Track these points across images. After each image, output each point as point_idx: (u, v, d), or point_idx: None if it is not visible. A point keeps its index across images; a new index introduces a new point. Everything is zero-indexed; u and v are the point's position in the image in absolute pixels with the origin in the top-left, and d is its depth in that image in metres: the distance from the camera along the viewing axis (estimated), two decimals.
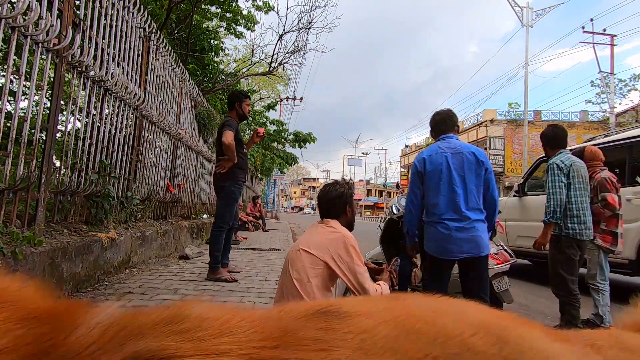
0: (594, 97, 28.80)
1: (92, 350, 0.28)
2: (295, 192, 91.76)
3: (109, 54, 3.32)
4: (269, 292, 3.15)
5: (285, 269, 1.94)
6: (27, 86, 3.89)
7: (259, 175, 19.37)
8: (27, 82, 3.85)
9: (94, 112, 3.20)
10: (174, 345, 0.28)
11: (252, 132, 15.88)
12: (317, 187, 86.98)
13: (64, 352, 0.28)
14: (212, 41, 9.42)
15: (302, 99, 22.14)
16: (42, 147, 2.61)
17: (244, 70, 11.50)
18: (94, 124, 3.21)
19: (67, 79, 3.04)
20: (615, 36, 16.47)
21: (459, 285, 3.21)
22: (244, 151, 3.73)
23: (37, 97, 4.75)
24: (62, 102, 2.88)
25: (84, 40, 2.94)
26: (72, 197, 3.02)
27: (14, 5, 2.23)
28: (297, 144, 16.75)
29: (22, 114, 2.42)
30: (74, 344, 0.28)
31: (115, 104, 3.57)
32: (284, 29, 9.10)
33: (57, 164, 2.95)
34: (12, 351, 0.27)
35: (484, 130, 26.57)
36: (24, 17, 2.26)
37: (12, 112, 2.84)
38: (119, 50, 3.55)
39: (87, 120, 3.12)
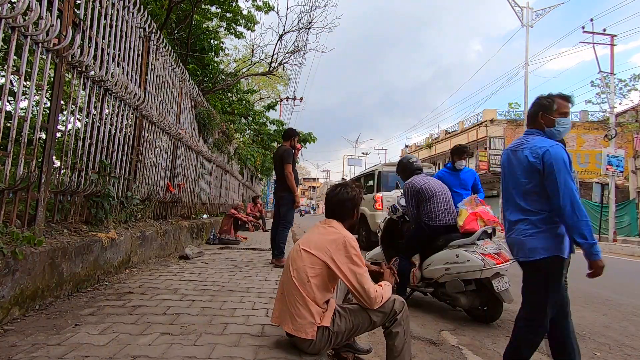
0: (594, 97, 28.81)
1: None
2: None
3: (109, 54, 3.32)
4: (269, 292, 3.15)
5: (286, 269, 1.94)
6: (27, 86, 3.89)
7: (259, 175, 19.38)
8: (27, 82, 3.85)
9: (94, 112, 3.20)
10: None
11: (252, 132, 15.93)
12: (317, 187, 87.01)
13: None
14: (212, 41, 9.42)
15: (302, 99, 22.17)
16: (42, 147, 2.60)
17: (244, 70, 11.50)
18: (94, 124, 3.20)
19: (67, 79, 3.03)
20: (615, 36, 16.45)
21: (460, 285, 3.23)
22: (296, 169, 5.04)
23: (37, 97, 4.75)
24: (62, 102, 2.87)
25: (84, 40, 2.94)
26: (72, 197, 3.02)
27: (14, 5, 2.22)
28: None
29: (22, 114, 2.42)
30: None
31: (115, 104, 3.57)
32: (284, 29, 9.11)
33: (57, 164, 2.95)
34: None
35: (484, 130, 26.57)
36: (24, 17, 2.26)
37: (12, 112, 2.84)
38: (119, 50, 3.55)
39: (87, 120, 3.12)
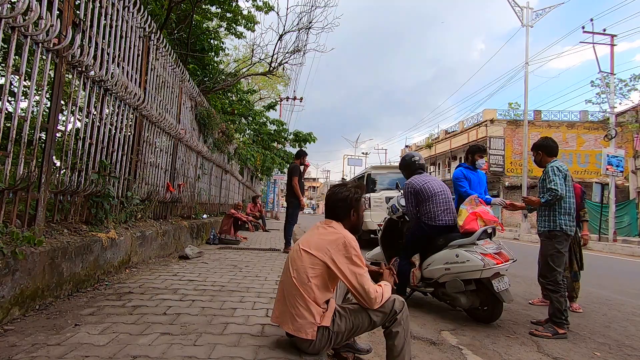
0: (594, 97, 28.78)
1: None
2: None
3: (109, 54, 3.32)
4: (269, 292, 3.15)
5: (286, 269, 1.93)
6: (27, 86, 3.89)
7: (259, 175, 19.38)
8: (27, 82, 3.85)
9: (94, 112, 3.20)
10: None
11: (252, 132, 15.93)
12: (317, 187, 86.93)
13: None
14: (212, 41, 9.42)
15: (302, 99, 22.18)
16: (42, 147, 2.60)
17: (244, 70, 11.49)
18: (94, 124, 3.20)
19: (67, 79, 3.03)
20: (615, 36, 16.43)
21: (460, 285, 3.22)
22: (302, 180, 6.29)
23: (37, 97, 4.76)
24: (62, 102, 2.87)
25: (84, 40, 2.94)
26: (72, 197, 3.02)
27: (14, 5, 2.22)
28: (297, 144, 16.82)
29: (22, 114, 2.42)
30: None
31: (115, 104, 3.57)
32: (284, 29, 9.09)
33: (57, 164, 2.95)
34: None
35: (484, 130, 26.58)
36: (24, 17, 2.26)
37: (12, 112, 2.84)
38: (119, 50, 3.55)
39: (87, 120, 3.12)
